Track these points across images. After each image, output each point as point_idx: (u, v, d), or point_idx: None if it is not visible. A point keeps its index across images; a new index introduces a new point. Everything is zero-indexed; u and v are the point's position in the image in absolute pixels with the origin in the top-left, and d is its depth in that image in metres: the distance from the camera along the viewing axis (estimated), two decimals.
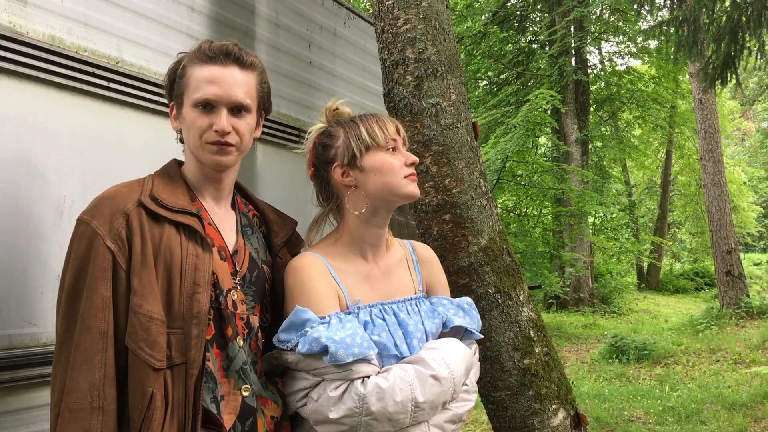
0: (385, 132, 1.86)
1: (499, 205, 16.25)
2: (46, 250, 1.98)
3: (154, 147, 2.29)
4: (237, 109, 1.71)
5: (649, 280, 24.23)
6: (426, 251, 2.09)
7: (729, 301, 13.09)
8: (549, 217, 16.67)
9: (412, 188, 1.88)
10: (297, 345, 1.70)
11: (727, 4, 7.66)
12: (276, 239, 1.89)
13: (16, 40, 1.90)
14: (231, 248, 1.77)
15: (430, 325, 1.90)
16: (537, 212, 17.60)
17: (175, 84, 1.74)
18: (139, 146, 2.27)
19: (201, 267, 1.62)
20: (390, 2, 2.53)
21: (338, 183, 1.89)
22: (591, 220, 18.61)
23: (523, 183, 15.53)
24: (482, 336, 2.02)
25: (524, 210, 16.72)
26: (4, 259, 1.86)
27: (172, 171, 1.77)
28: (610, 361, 10.75)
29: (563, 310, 16.95)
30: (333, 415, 1.67)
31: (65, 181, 2.03)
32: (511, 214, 16.03)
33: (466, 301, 2.02)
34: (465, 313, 1.98)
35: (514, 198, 16.47)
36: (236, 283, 1.74)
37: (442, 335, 1.92)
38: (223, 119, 1.68)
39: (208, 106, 1.68)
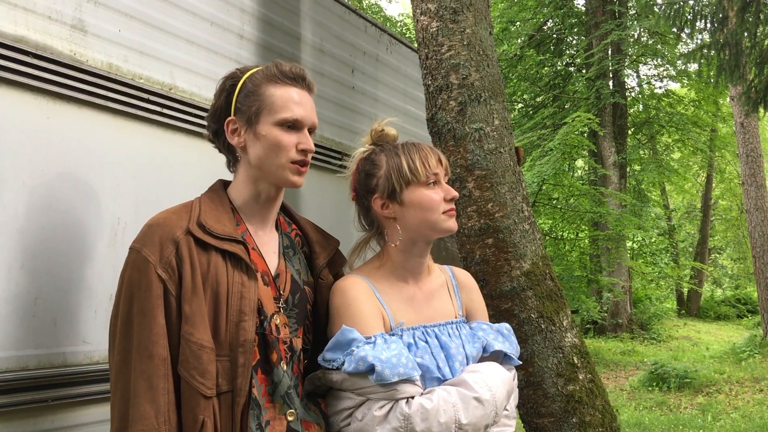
0: (426, 167, 1.87)
1: None
2: (100, 271, 2.04)
3: (205, 171, 2.34)
4: (310, 131, 1.78)
5: (690, 307, 23.73)
6: (466, 277, 2.11)
7: None
8: (586, 241, 16.50)
9: (450, 224, 1.90)
10: (343, 364, 1.72)
11: None
12: (318, 260, 1.90)
13: (77, 68, 1.98)
14: (273, 271, 1.78)
15: (470, 348, 1.92)
16: (574, 236, 17.44)
17: (242, 99, 1.75)
18: (190, 170, 2.33)
19: (247, 295, 1.64)
20: (434, 29, 2.56)
21: (378, 213, 1.92)
22: (629, 244, 18.37)
23: (559, 206, 15.42)
24: (521, 362, 2.02)
25: (561, 233, 16.58)
26: (60, 279, 1.92)
27: (219, 194, 1.79)
28: (650, 388, 10.55)
29: (601, 335, 16.69)
30: None
31: (119, 204, 2.10)
32: (548, 238, 15.89)
33: (505, 326, 2.03)
34: (504, 338, 1.99)
35: (551, 221, 16.34)
36: (279, 307, 1.76)
37: (481, 359, 1.93)
38: (310, 139, 1.76)
39: (292, 126, 1.73)
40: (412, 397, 1.72)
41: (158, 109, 2.22)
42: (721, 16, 8.63)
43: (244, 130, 1.75)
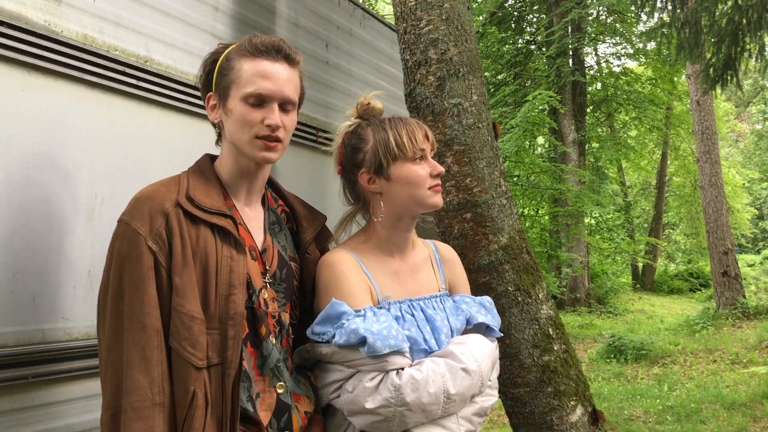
0: (413, 142, 1.88)
1: None
2: (79, 247, 2.01)
3: (182, 145, 2.31)
4: (285, 105, 1.72)
5: (644, 281, 24.31)
6: (448, 251, 2.13)
7: (725, 302, 13.19)
8: (546, 218, 16.74)
9: (436, 199, 1.92)
10: (333, 337, 1.73)
11: (729, 6, 7.72)
12: (305, 235, 1.90)
13: (52, 39, 1.92)
14: (260, 247, 1.78)
15: (455, 321, 1.95)
16: (534, 212, 17.68)
17: (218, 75, 1.73)
18: (167, 144, 2.30)
19: (236, 269, 1.64)
20: (413, 3, 2.56)
21: (364, 188, 1.93)
22: (587, 220, 18.69)
23: (520, 183, 15.60)
24: (502, 334, 2.06)
25: (522, 210, 16.78)
26: (38, 256, 1.89)
27: (206, 168, 1.78)
28: (608, 360, 10.82)
29: (560, 310, 16.98)
30: (369, 405, 1.70)
31: (96, 179, 2.06)
32: None
33: (487, 299, 2.07)
34: (487, 310, 2.02)
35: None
36: (266, 282, 1.76)
37: (465, 332, 1.96)
38: (276, 114, 1.69)
39: (259, 101, 1.68)
40: (402, 369, 1.75)
41: (134, 81, 2.18)
42: None
43: (219, 105, 1.75)
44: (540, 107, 14.20)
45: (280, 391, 1.71)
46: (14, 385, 1.83)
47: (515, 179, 15.58)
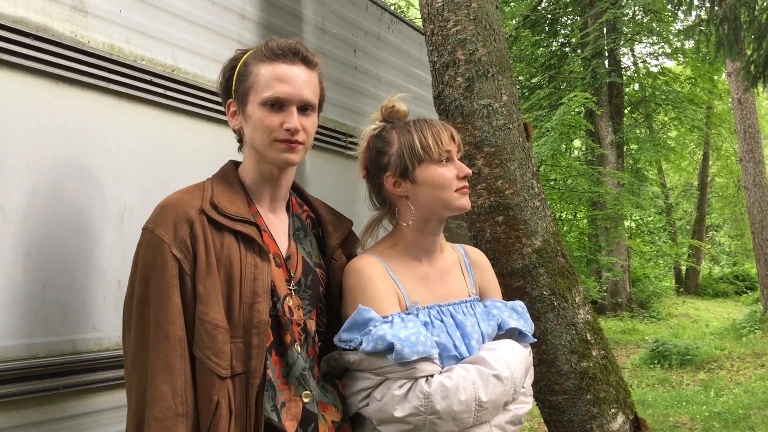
0: (439, 144, 1.83)
1: None
2: (108, 256, 2.01)
3: (209, 152, 2.31)
4: (304, 108, 1.70)
5: (688, 284, 23.80)
6: (478, 255, 2.08)
7: None
8: (584, 221, 16.50)
9: (464, 201, 1.87)
10: (361, 344, 1.69)
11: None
12: (330, 241, 1.87)
13: (79, 50, 1.93)
14: (284, 253, 1.76)
15: (486, 326, 1.90)
16: (572, 216, 17.44)
17: (237, 81, 1.72)
18: (194, 152, 2.29)
19: (260, 276, 1.61)
20: (439, 4, 2.52)
21: (390, 192, 1.89)
22: (627, 223, 18.38)
23: (557, 187, 15.40)
24: (536, 339, 2.00)
25: (559, 214, 16.57)
26: (67, 266, 1.89)
27: (230, 174, 1.76)
28: (651, 366, 10.58)
29: (601, 315, 16.71)
30: (398, 414, 1.66)
31: (124, 188, 2.06)
32: None
33: (519, 304, 2.01)
34: (519, 315, 1.97)
35: (549, 202, 16.30)
36: (291, 289, 1.73)
37: (496, 337, 1.91)
38: (295, 118, 1.66)
39: (277, 105, 1.66)
40: (432, 376, 1.71)
41: (161, 91, 2.18)
42: None
43: (239, 111, 1.73)
44: (576, 109, 14.02)
45: (306, 400, 1.68)
46: (45, 396, 1.83)
47: (552, 183, 15.39)
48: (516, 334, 1.95)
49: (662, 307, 18.27)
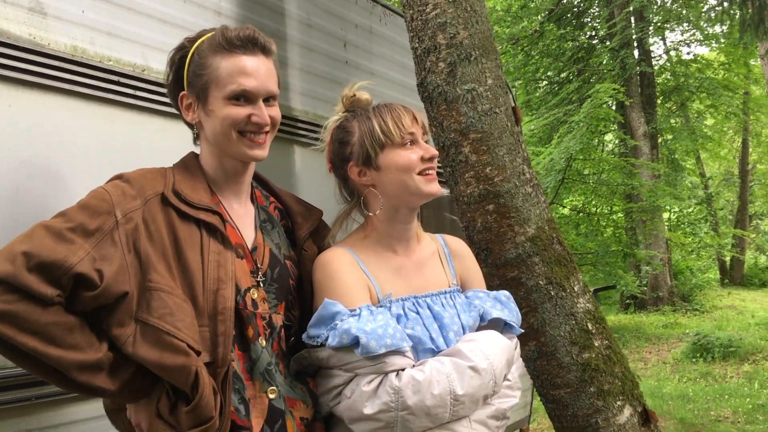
0: (400, 126, 1.76)
1: (566, 206, 15.86)
2: None
3: (184, 151, 2.25)
4: (268, 99, 1.67)
5: (733, 275, 23.13)
6: (458, 244, 1.99)
7: None
8: (620, 215, 16.15)
9: (430, 187, 1.78)
10: (327, 339, 1.62)
11: None
12: (300, 231, 1.82)
13: (38, 52, 1.90)
14: (250, 245, 1.71)
15: (466, 318, 1.81)
16: (607, 210, 17.10)
17: (191, 74, 1.66)
18: (169, 153, 2.23)
19: (223, 264, 1.57)
20: None
21: (356, 182, 1.82)
22: (666, 215, 17.95)
23: (590, 182, 15.10)
24: (522, 330, 1.90)
25: (593, 209, 16.25)
26: None
27: (191, 164, 1.72)
28: (693, 360, 10.27)
29: (642, 310, 16.33)
30: (368, 411, 1.58)
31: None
32: (580, 214, 15.59)
33: (504, 293, 1.92)
34: (503, 305, 1.87)
35: (583, 197, 16.01)
36: (257, 281, 1.67)
37: (480, 329, 1.81)
38: (264, 111, 1.64)
39: (243, 98, 1.63)
40: (403, 370, 1.62)
41: (130, 91, 2.14)
42: None
43: (197, 106, 1.68)
44: (605, 101, 13.73)
45: (271, 396, 1.62)
46: (19, 407, 1.79)
47: (584, 178, 15.08)
48: (501, 326, 1.85)
49: (706, 299, 17.76)
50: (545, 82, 18.85)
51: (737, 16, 8.29)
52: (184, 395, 1.48)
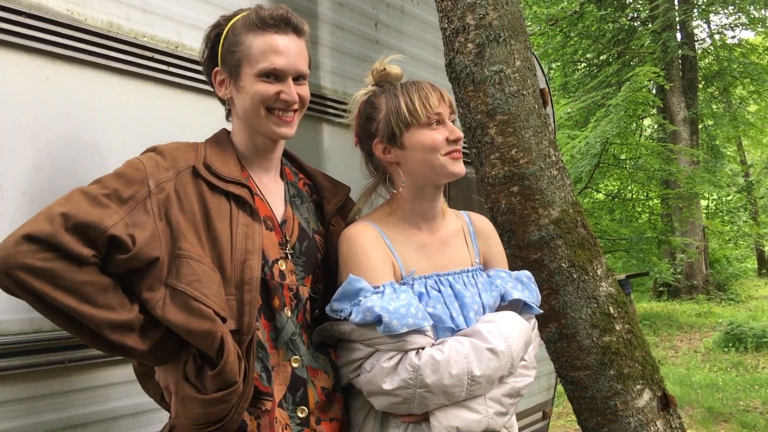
0: (427, 107, 1.77)
1: (601, 191, 15.67)
2: None
3: (215, 128, 2.31)
4: (298, 78, 1.71)
5: None
6: (483, 223, 2.01)
7: None
8: (656, 201, 15.93)
9: (455, 167, 1.79)
10: (350, 314, 1.66)
11: None
12: (328, 206, 1.86)
13: (75, 27, 1.95)
14: (279, 218, 1.75)
15: (487, 297, 1.83)
16: (643, 196, 16.85)
17: (225, 50, 1.71)
18: (200, 129, 2.29)
19: (251, 235, 1.61)
20: None
21: (381, 159, 1.84)
22: (704, 203, 17.63)
23: (626, 167, 14.89)
24: (541, 311, 1.92)
25: (629, 195, 16.05)
26: None
27: (223, 140, 1.77)
28: (725, 350, 10.16)
29: (675, 298, 16.15)
30: (387, 386, 1.63)
31: None
32: (615, 200, 15.41)
33: (525, 274, 1.94)
34: (524, 286, 1.89)
35: (618, 183, 15.81)
36: (286, 253, 1.72)
37: (500, 309, 1.83)
38: (293, 89, 1.69)
39: (273, 76, 1.67)
40: (423, 348, 1.66)
41: (164, 67, 2.19)
42: None
43: (229, 82, 1.73)
44: (644, 85, 13.49)
45: (294, 365, 1.67)
46: (51, 370, 1.87)
47: (621, 163, 14.88)
48: (520, 306, 1.87)
49: (742, 289, 17.50)
50: (584, 65, 18.58)
51: None
52: (210, 359, 1.52)
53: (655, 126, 17.91)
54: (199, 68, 2.26)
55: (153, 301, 1.51)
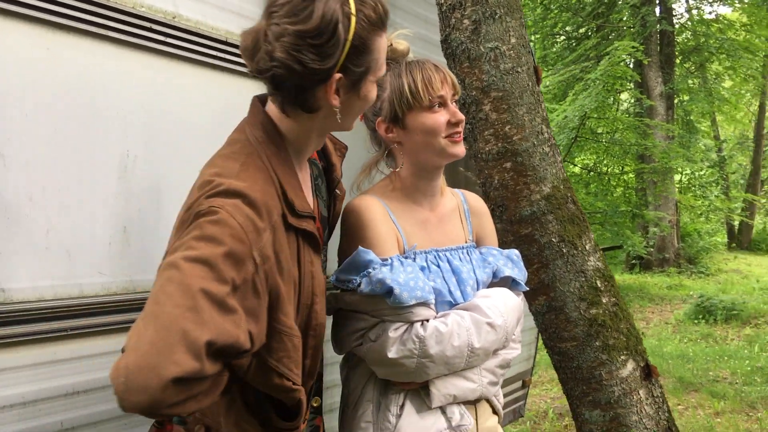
0: (429, 89, 1.78)
1: (578, 164, 15.84)
2: (112, 203, 2.04)
3: (214, 102, 2.32)
4: None
5: (741, 240, 23.18)
6: (477, 201, 2.06)
7: None
8: (631, 176, 16.15)
9: (456, 149, 1.82)
10: (359, 285, 1.70)
11: None
12: (335, 173, 1.82)
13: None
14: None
15: (481, 273, 1.90)
16: (619, 170, 17.07)
17: (353, 56, 1.40)
18: (199, 101, 2.30)
19: (317, 275, 1.50)
20: None
21: (383, 137, 1.87)
22: (677, 177, 17.89)
23: (603, 141, 15.05)
24: (528, 288, 1.99)
25: (605, 168, 16.23)
26: (71, 212, 1.93)
27: (275, 138, 1.50)
28: (695, 321, 10.42)
29: (647, 271, 16.46)
30: (392, 355, 1.68)
31: (128, 136, 2.08)
32: (591, 173, 15.59)
33: (515, 252, 2.01)
34: (514, 264, 1.96)
35: (594, 156, 15.98)
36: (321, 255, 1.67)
37: (492, 285, 1.91)
38: None
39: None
40: (427, 320, 1.72)
41: (161, 38, 2.18)
42: None
43: (345, 91, 1.46)
44: (623, 60, 13.59)
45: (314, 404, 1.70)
46: (53, 338, 1.90)
47: (598, 136, 15.03)
48: (509, 282, 1.94)
49: (712, 263, 17.86)
50: (563, 38, 18.62)
51: None
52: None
53: (632, 100, 18.06)
54: (196, 39, 2.28)
55: (240, 368, 1.34)
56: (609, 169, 16.21)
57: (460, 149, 1.84)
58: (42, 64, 1.88)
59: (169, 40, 2.21)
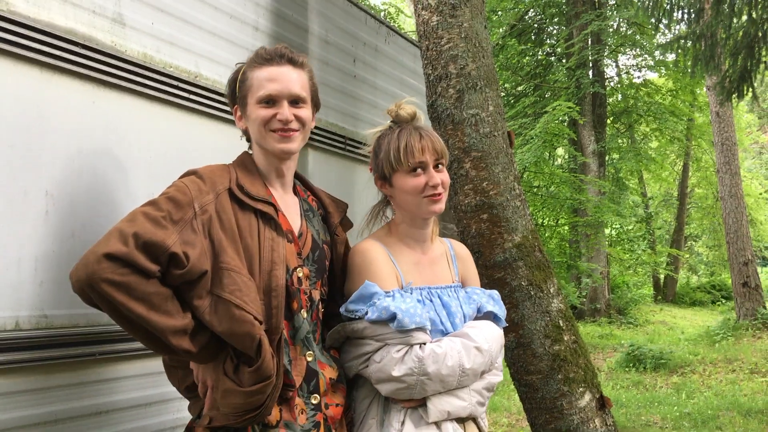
0: (408, 156, 2.08)
1: None
2: None
3: (227, 150, 2.57)
4: (295, 101, 1.98)
5: (666, 293, 24.19)
6: (462, 249, 2.38)
7: (746, 313, 13.19)
8: (566, 228, 16.84)
9: (433, 207, 2.12)
10: (366, 314, 1.98)
11: (744, 19, 7.89)
12: (333, 219, 2.16)
13: (117, 57, 2.20)
14: (296, 231, 2.03)
15: (467, 308, 2.19)
16: (554, 222, 17.78)
17: (237, 88, 2.00)
18: (214, 150, 2.55)
19: (277, 248, 1.89)
20: (434, 23, 2.81)
21: (379, 189, 2.20)
22: (608, 231, 18.66)
23: (540, 194, 15.74)
24: (507, 324, 2.30)
25: (541, 220, 16.89)
26: None
27: (248, 162, 2.03)
28: (627, 369, 10.85)
29: (580, 320, 16.97)
30: (395, 373, 1.95)
31: (153, 179, 2.32)
32: None
33: (495, 293, 2.32)
34: (495, 302, 2.27)
35: (531, 208, 16.63)
36: (302, 261, 2.01)
37: (475, 319, 2.21)
38: (285, 109, 1.95)
39: (270, 101, 1.94)
40: (425, 344, 2.00)
41: (185, 95, 2.44)
42: (698, 7, 8.95)
43: (242, 113, 2.01)
44: (559, 118, 14.35)
45: (309, 359, 1.96)
46: (85, 361, 2.09)
47: (535, 190, 15.72)
48: (492, 317, 2.24)
49: (640, 313, 18.58)
50: (503, 94, 19.45)
51: (689, 46, 8.91)
52: (246, 358, 1.79)
53: (567, 156, 18.90)
54: (213, 96, 2.55)
55: (202, 308, 1.76)
56: (545, 222, 16.87)
57: (437, 207, 2.14)
58: (87, 115, 2.12)
59: (191, 96, 2.47)
